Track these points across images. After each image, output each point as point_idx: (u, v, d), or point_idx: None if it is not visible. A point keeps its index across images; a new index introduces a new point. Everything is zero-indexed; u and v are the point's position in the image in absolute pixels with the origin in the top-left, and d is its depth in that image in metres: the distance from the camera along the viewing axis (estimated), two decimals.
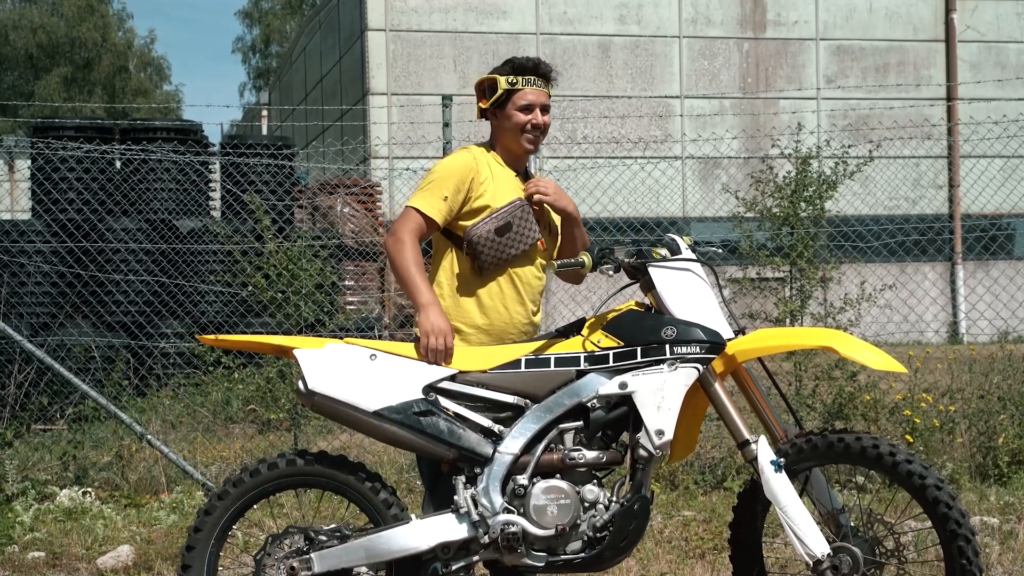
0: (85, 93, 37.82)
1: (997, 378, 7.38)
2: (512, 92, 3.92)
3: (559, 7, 18.13)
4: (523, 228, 3.89)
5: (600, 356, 3.67)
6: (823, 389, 7.26)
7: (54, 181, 11.11)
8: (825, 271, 8.02)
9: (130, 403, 8.32)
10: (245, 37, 44.76)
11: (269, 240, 7.80)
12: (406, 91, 17.65)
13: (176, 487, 6.91)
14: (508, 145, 3.98)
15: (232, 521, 3.71)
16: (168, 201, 11.53)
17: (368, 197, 13.24)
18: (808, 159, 8.41)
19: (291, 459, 3.71)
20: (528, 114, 3.92)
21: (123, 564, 5.47)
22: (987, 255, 17.53)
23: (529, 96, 3.92)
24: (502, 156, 4.00)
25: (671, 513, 6.17)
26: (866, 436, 3.75)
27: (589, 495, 3.63)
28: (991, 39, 19.32)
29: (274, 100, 29.26)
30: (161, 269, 10.94)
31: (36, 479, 6.87)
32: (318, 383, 3.66)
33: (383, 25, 17.73)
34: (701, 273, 3.78)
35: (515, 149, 3.97)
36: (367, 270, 12.35)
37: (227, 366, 8.09)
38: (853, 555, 3.67)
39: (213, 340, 4.04)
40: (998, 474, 6.76)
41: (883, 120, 15.56)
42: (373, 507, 3.69)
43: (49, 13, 39.44)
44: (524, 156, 4.03)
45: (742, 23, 18.68)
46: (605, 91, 18.04)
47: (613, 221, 10.57)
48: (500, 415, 3.70)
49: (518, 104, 3.92)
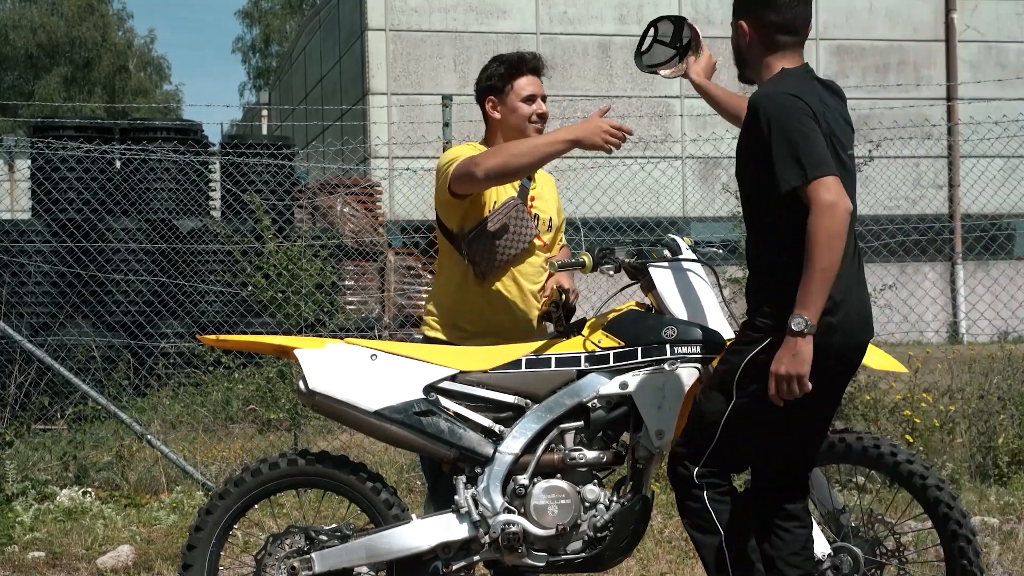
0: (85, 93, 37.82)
1: (997, 378, 7.37)
2: (512, 87, 3.94)
3: (559, 7, 18.13)
4: (519, 227, 3.89)
5: (601, 356, 3.67)
6: None
7: (54, 181, 11.10)
8: None
9: (130, 403, 8.32)
10: (245, 37, 44.82)
11: (269, 240, 7.80)
12: (406, 91, 17.65)
13: (176, 487, 6.91)
14: (514, 139, 3.98)
15: (233, 520, 3.72)
16: (168, 201, 11.52)
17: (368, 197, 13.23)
18: None
19: (292, 459, 3.71)
20: (532, 104, 3.95)
21: (123, 564, 5.47)
22: (987, 255, 17.53)
23: (530, 87, 3.95)
24: None
25: (671, 513, 6.17)
26: (867, 436, 3.75)
27: (590, 495, 3.64)
28: (991, 39, 19.33)
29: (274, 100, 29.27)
30: (161, 269, 10.94)
31: (36, 479, 6.86)
32: (319, 383, 3.66)
33: (383, 25, 17.74)
34: (701, 273, 3.78)
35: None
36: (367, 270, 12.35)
37: (227, 366, 8.09)
38: (854, 555, 3.67)
39: (214, 340, 4.04)
40: (998, 474, 6.76)
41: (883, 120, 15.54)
42: (374, 507, 3.69)
43: (49, 13, 39.43)
44: None
45: None
46: (605, 91, 18.05)
47: (613, 221, 10.57)
48: (501, 415, 3.70)
49: (521, 95, 3.95)
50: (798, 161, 3.05)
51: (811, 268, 3.02)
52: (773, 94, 3.17)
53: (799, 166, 3.05)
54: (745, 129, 3.22)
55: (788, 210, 3.12)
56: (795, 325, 3.04)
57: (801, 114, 3.10)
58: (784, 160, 3.07)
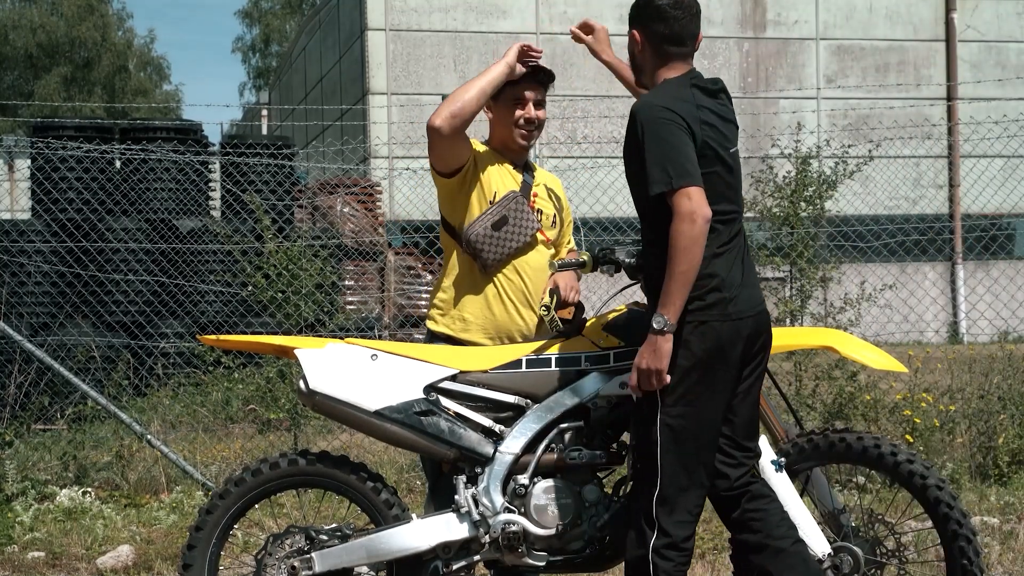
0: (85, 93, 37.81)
1: (997, 378, 7.37)
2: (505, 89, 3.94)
3: (559, 7, 18.13)
4: (520, 220, 3.89)
5: (601, 356, 3.68)
6: (823, 389, 7.26)
7: (54, 181, 11.11)
8: (825, 271, 8.02)
9: (130, 403, 8.32)
10: (245, 37, 44.82)
11: (269, 240, 7.80)
12: (406, 91, 17.65)
13: (176, 487, 6.91)
14: (504, 139, 4.00)
15: (233, 520, 3.72)
16: (168, 201, 11.53)
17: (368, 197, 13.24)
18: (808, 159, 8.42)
19: (293, 459, 3.71)
20: (521, 108, 3.95)
21: (123, 564, 5.46)
22: (987, 255, 17.53)
23: (522, 91, 3.95)
24: (500, 151, 4.03)
25: None
26: (867, 436, 3.75)
27: (590, 495, 3.64)
28: (991, 39, 19.32)
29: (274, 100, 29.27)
30: (161, 269, 10.94)
31: (36, 479, 6.86)
32: (319, 383, 3.66)
33: (383, 25, 17.73)
34: None
35: (510, 144, 3.99)
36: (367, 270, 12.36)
37: (227, 366, 8.09)
38: (854, 555, 3.68)
39: (214, 340, 4.04)
40: (998, 474, 6.75)
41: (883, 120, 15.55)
42: (374, 507, 3.69)
43: (49, 13, 39.41)
44: (520, 151, 4.03)
45: (742, 23, 18.69)
46: (605, 91, 18.04)
47: (613, 221, 10.57)
48: (501, 415, 3.70)
49: (510, 99, 3.95)
50: (664, 169, 3.24)
51: (671, 271, 3.22)
52: (648, 105, 3.36)
53: (666, 174, 3.24)
54: (627, 134, 3.41)
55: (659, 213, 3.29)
56: (656, 323, 3.23)
57: (672, 125, 3.29)
58: (653, 167, 3.26)
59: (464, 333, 3.89)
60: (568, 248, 4.20)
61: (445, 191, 3.96)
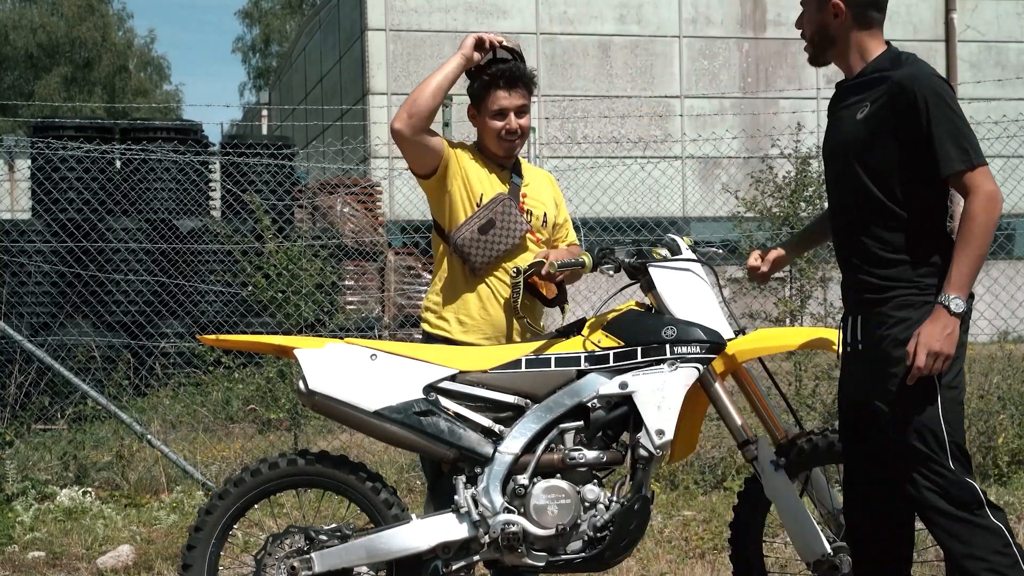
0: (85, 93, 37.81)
1: (997, 378, 7.37)
2: (488, 99, 3.92)
3: (559, 7, 18.13)
4: (507, 223, 3.89)
5: (600, 356, 3.68)
6: (823, 389, 7.26)
7: (54, 181, 11.11)
8: (825, 271, 8.01)
9: (130, 403, 8.31)
10: (245, 37, 44.80)
11: (269, 240, 7.81)
12: (406, 91, 17.60)
13: (176, 487, 6.91)
14: (489, 147, 4.01)
15: (233, 520, 3.72)
16: (168, 201, 11.53)
17: (368, 197, 13.24)
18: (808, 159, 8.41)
19: (292, 459, 3.71)
20: (501, 120, 3.93)
21: (123, 564, 5.46)
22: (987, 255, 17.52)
23: (502, 101, 3.92)
24: (486, 153, 4.03)
25: (671, 513, 6.18)
26: None
27: (589, 495, 3.64)
28: (991, 39, 19.32)
29: (274, 100, 29.27)
30: (161, 269, 10.94)
31: (36, 479, 6.87)
32: (319, 383, 3.66)
33: (383, 25, 17.73)
34: (701, 273, 3.79)
35: (495, 151, 3.99)
36: (367, 270, 12.36)
37: (227, 366, 8.09)
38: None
39: (214, 340, 4.05)
40: (998, 474, 6.75)
41: None
42: (374, 507, 3.69)
43: (49, 13, 39.41)
44: (506, 159, 4.03)
45: (742, 23, 18.69)
46: (605, 91, 18.05)
47: (613, 221, 10.57)
48: (500, 415, 3.70)
49: (491, 110, 3.93)
50: (961, 147, 3.10)
51: (969, 252, 3.11)
52: (927, 75, 3.17)
53: (964, 152, 3.10)
54: (884, 108, 3.19)
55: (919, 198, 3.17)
56: (955, 307, 3.08)
57: (955, 100, 3.14)
58: (946, 143, 3.09)
59: (460, 334, 3.90)
60: (567, 243, 4.18)
61: (429, 192, 3.98)
